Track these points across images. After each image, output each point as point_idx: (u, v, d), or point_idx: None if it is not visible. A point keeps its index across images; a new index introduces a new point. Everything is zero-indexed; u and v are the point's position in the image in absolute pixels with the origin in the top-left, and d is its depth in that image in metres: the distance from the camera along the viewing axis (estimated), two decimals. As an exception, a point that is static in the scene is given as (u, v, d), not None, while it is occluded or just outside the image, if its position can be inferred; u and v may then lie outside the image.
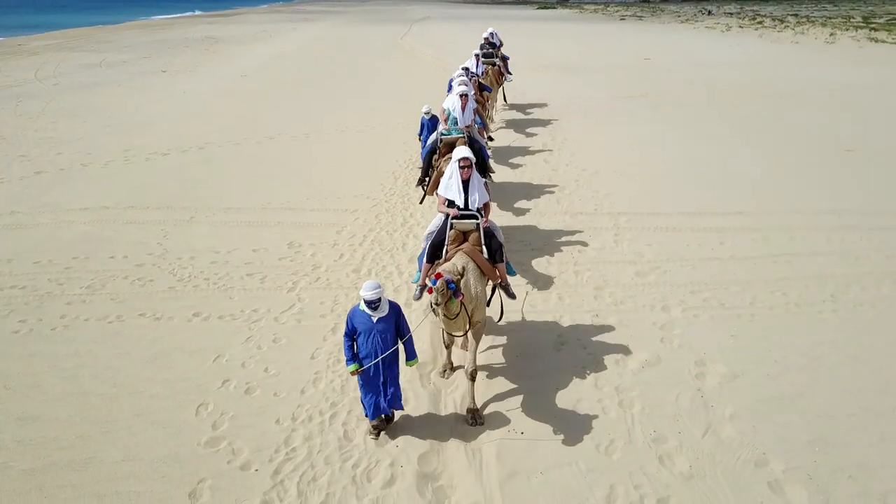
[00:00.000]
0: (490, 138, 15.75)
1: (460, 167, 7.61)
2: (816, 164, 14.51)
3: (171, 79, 26.61)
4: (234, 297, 9.19)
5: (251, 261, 10.27)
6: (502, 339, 8.13)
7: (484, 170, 10.95)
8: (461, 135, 10.83)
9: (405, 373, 7.05)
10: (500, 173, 14.15)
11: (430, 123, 13.28)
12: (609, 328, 8.32)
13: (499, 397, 7.07)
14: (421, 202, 11.70)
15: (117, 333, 8.34)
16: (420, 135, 13.71)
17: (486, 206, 7.76)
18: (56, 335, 8.32)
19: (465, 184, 7.61)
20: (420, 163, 12.63)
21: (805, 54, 30.81)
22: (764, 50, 32.30)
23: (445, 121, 11.47)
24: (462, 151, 7.71)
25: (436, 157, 10.89)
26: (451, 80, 15.51)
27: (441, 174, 9.35)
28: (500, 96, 19.75)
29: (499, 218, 11.48)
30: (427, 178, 11.11)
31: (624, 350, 7.83)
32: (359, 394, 7.05)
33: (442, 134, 10.97)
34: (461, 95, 11.68)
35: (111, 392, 7.19)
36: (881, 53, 30.37)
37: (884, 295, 9.01)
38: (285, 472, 6.01)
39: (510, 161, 15.13)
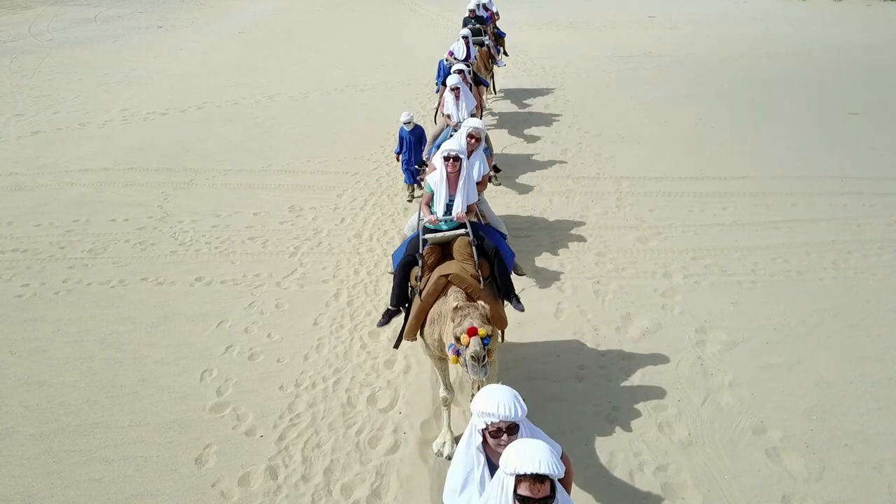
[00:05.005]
0: (497, 168, 11.33)
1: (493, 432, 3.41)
2: (820, 128, 14.36)
3: (168, 35, 26.15)
4: (235, 262, 9.19)
5: (252, 224, 10.24)
6: (504, 306, 8.12)
7: (505, 282, 6.30)
8: (460, 230, 6.12)
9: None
10: (500, 137, 14.02)
11: (413, 137, 10.27)
12: (610, 295, 8.34)
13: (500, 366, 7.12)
14: (396, 346, 6.36)
15: (120, 298, 8.38)
16: (398, 152, 10.58)
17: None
18: (59, 299, 8.36)
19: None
20: (390, 267, 7.75)
21: (812, 12, 30.24)
22: (770, 7, 31.69)
23: (428, 203, 6.50)
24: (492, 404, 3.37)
25: (416, 269, 5.98)
26: (440, 63, 13.20)
27: (429, 306, 5.61)
28: (490, 86, 15.66)
29: (500, 183, 11.40)
30: (405, 307, 6.15)
31: (625, 317, 7.87)
32: (361, 359, 7.16)
33: (426, 228, 6.18)
34: (448, 159, 6.29)
35: (116, 357, 7.26)
36: (890, 13, 29.80)
37: (885, 262, 9.01)
38: (290, 439, 6.10)
39: (512, 123, 14.96)
